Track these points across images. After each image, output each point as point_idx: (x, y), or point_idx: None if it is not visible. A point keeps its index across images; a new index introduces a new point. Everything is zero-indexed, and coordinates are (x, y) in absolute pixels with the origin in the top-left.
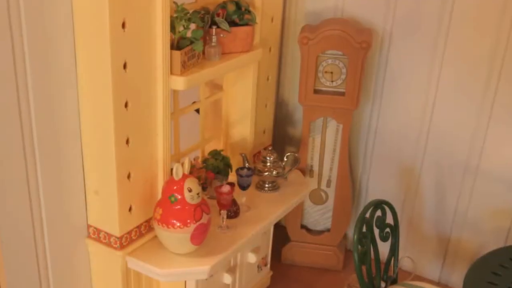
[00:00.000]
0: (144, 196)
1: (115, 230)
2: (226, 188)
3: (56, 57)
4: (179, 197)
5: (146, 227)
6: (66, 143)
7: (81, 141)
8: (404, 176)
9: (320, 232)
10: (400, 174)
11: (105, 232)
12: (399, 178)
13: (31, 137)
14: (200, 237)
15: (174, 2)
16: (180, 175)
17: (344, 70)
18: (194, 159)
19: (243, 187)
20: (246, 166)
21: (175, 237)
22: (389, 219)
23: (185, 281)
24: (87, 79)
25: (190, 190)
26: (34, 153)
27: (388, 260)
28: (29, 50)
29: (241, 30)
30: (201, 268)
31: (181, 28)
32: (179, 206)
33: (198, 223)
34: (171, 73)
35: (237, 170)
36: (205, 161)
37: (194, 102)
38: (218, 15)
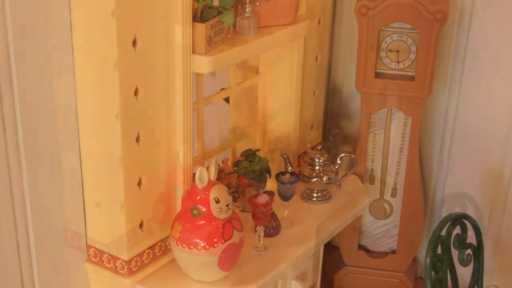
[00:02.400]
0: (159, 208)
1: (122, 252)
2: (263, 199)
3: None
4: (204, 209)
5: (161, 248)
6: (57, 139)
7: (79, 137)
8: (490, 184)
9: (383, 255)
10: (485, 182)
11: (109, 255)
12: (483, 186)
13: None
14: (230, 260)
15: None
16: (205, 182)
17: (413, 48)
18: (223, 162)
19: (285, 197)
20: (289, 171)
21: (199, 260)
22: (471, 238)
23: None
24: (86, 61)
25: (217, 201)
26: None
27: None
28: None
29: None
30: None
31: None
32: (203, 222)
33: (227, 243)
34: (193, 52)
35: (277, 176)
36: (236, 164)
37: (222, 89)
38: None
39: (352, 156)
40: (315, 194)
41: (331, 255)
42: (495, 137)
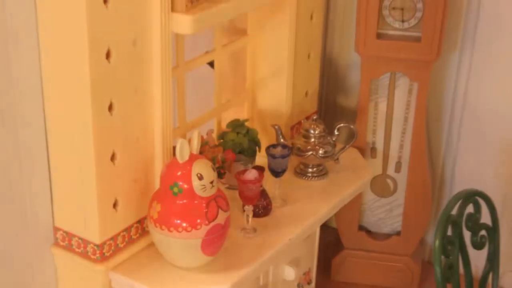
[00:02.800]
0: (135, 186)
1: (94, 234)
2: (252, 175)
3: None
4: (185, 187)
5: (138, 230)
6: (18, 110)
7: (44, 107)
8: (506, 158)
9: (387, 236)
10: (499, 156)
11: (79, 238)
12: (498, 161)
13: None
14: (215, 244)
15: None
16: (187, 156)
17: (419, 5)
18: (207, 134)
19: (277, 173)
20: (281, 143)
21: (180, 244)
22: (485, 218)
23: None
24: (51, 22)
25: (200, 178)
26: None
27: (484, 277)
28: None
29: None
30: None
31: None
32: (184, 200)
33: (212, 224)
34: (173, 10)
35: (267, 149)
36: (222, 136)
37: (206, 52)
38: None
39: (351, 126)
40: (310, 170)
41: (328, 238)
42: None
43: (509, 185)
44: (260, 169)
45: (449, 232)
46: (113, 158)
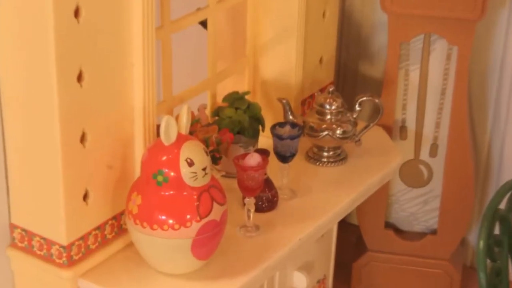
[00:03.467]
0: (111, 173)
1: (59, 233)
2: (254, 160)
3: None
4: (172, 175)
5: (114, 228)
6: None
7: None
8: None
9: (420, 236)
10: None
11: (42, 238)
12: None
13: None
14: (208, 245)
15: None
16: (174, 137)
17: None
18: (199, 109)
19: (285, 158)
20: (290, 121)
21: (165, 245)
22: None
23: None
24: None
25: (190, 163)
26: None
27: None
28: None
29: None
30: None
31: None
32: (171, 192)
33: (204, 220)
34: None
35: (273, 128)
36: (217, 112)
37: (198, 9)
38: None
39: (376, 100)
40: (325, 154)
41: (348, 237)
42: None
43: None
44: (264, 153)
45: (496, 231)
46: (83, 139)
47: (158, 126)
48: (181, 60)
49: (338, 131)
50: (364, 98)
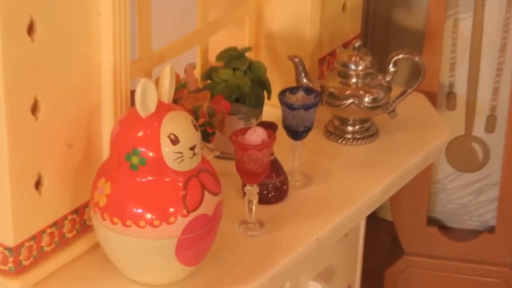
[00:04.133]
0: (70, 154)
1: (4, 232)
2: (257, 136)
3: None
4: (151, 155)
5: (75, 224)
6: None
7: None
8: None
9: (473, 235)
10: None
11: None
12: None
13: None
14: (197, 246)
15: None
16: (153, 107)
17: None
18: (186, 70)
19: (297, 133)
20: (304, 86)
21: (142, 246)
22: None
23: None
24: None
25: (174, 141)
26: None
27: None
28: None
29: None
30: None
31: None
32: (150, 178)
33: (193, 215)
34: None
35: (282, 95)
36: (210, 74)
37: None
38: None
39: (416, 59)
40: (350, 128)
41: (380, 237)
42: None
43: None
44: (270, 127)
45: None
46: (34, 109)
47: (132, 92)
48: (163, 7)
49: (366, 99)
50: (400, 56)
